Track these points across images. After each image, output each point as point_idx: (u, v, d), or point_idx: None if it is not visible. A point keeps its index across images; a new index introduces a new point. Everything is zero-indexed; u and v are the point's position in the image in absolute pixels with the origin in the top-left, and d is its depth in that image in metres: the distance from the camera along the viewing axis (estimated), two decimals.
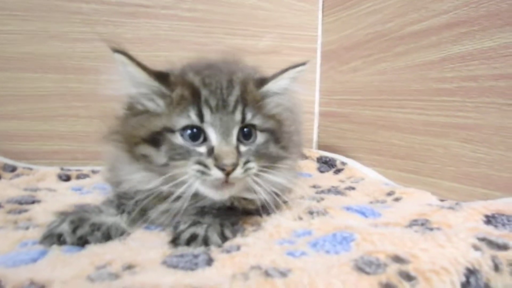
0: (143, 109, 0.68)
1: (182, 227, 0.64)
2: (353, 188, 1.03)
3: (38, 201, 0.87)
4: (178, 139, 0.65)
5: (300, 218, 0.75)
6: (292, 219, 0.75)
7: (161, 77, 0.67)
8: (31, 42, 1.22)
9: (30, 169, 1.16)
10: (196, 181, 0.63)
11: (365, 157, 1.24)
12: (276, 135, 0.72)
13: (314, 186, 1.08)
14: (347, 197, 0.96)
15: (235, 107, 0.66)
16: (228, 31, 1.39)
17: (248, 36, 1.41)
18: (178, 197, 0.64)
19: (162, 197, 0.67)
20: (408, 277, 0.49)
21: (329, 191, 1.01)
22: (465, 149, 0.90)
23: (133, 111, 0.70)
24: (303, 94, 1.10)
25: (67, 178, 1.13)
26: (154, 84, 0.67)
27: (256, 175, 0.67)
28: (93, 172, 1.20)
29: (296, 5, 1.47)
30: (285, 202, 0.75)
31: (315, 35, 1.51)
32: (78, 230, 0.62)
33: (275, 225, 0.71)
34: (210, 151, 0.64)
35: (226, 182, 0.63)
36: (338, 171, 1.25)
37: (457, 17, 0.92)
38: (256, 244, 0.62)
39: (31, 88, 1.23)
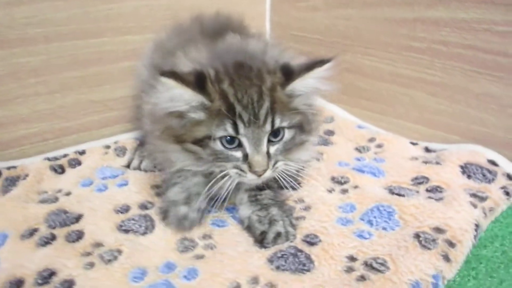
0: (184, 115, 0.78)
1: (261, 227, 0.81)
2: (332, 133, 1.25)
3: (80, 217, 0.88)
4: (218, 145, 0.77)
5: (333, 190, 0.96)
6: (325, 191, 0.96)
7: (201, 86, 0.74)
8: None
9: (14, 167, 1.07)
10: (236, 178, 0.79)
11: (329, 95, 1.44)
12: (302, 125, 0.82)
13: None
14: (334, 145, 1.19)
15: (265, 120, 0.75)
16: None
17: None
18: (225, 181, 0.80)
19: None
20: (451, 244, 0.77)
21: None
22: (429, 101, 1.13)
23: (175, 115, 0.79)
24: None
25: (62, 170, 1.10)
26: (198, 98, 0.75)
27: (283, 168, 0.81)
28: (79, 153, 1.16)
29: None
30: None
31: None
32: None
33: (320, 201, 0.91)
34: (245, 157, 0.77)
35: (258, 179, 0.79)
36: None
37: None
38: (329, 231, 0.83)
39: None
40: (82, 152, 1.17)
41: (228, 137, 0.76)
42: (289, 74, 0.78)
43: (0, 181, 1.02)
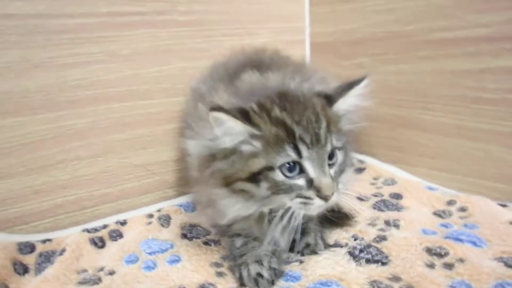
0: (233, 151, 0.71)
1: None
2: (400, 196, 1.07)
3: None
4: (278, 175, 0.69)
5: (433, 264, 0.76)
6: (424, 265, 0.76)
7: (249, 119, 0.69)
8: (9, 77, 0.90)
9: (50, 240, 0.91)
10: (299, 209, 0.70)
11: (383, 154, 1.28)
12: (346, 147, 0.78)
13: (359, 198, 1.07)
14: (408, 210, 1.00)
15: (326, 139, 0.71)
16: (225, 32, 1.22)
17: (244, 34, 1.26)
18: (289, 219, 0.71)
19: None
20: None
21: (383, 205, 1.02)
22: (509, 155, 1.00)
23: (222, 154, 0.72)
24: None
25: (103, 243, 0.93)
26: (249, 130, 0.69)
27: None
28: (121, 223, 1.00)
29: None
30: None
31: (302, 26, 1.42)
32: None
33: (423, 279, 0.71)
34: (309, 183, 0.69)
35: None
36: (359, 170, 1.27)
37: (500, 32, 0.96)
38: None
39: (18, 136, 0.93)
40: (123, 223, 1.02)
41: (288, 165, 0.69)
42: (329, 97, 0.77)
43: (33, 257, 0.83)
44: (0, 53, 0.88)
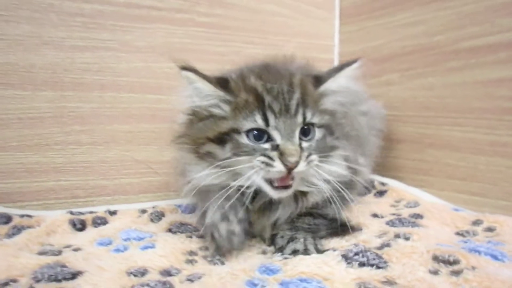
0: (208, 114, 0.74)
1: (280, 242, 0.76)
2: (420, 216, 0.94)
3: (80, 273, 0.64)
4: (243, 138, 0.71)
5: (438, 271, 0.63)
6: (427, 271, 0.64)
7: (224, 85, 0.73)
8: (17, 50, 0.94)
9: (30, 216, 0.89)
10: (259, 174, 0.70)
11: (408, 177, 1.16)
12: (331, 127, 0.77)
13: (373, 215, 0.97)
14: (425, 228, 0.87)
15: (296, 111, 0.71)
16: (246, 39, 1.23)
17: (267, 45, 1.26)
18: (242, 193, 0.71)
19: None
20: None
21: (398, 222, 0.90)
22: None
23: (198, 116, 0.75)
24: None
25: (82, 226, 0.89)
26: (220, 94, 0.72)
27: (316, 165, 0.73)
28: (110, 213, 0.97)
29: (313, 12, 1.36)
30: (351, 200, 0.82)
31: (332, 45, 1.41)
32: None
33: (423, 284, 0.59)
34: (275, 147, 0.70)
35: (287, 177, 0.70)
36: (379, 193, 1.15)
37: None
38: None
39: (18, 109, 0.95)
40: (113, 212, 0.98)
41: (256, 132, 0.71)
42: (320, 78, 0.78)
43: (6, 229, 0.81)
44: (10, 26, 0.93)
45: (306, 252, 0.73)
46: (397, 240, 0.77)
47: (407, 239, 0.78)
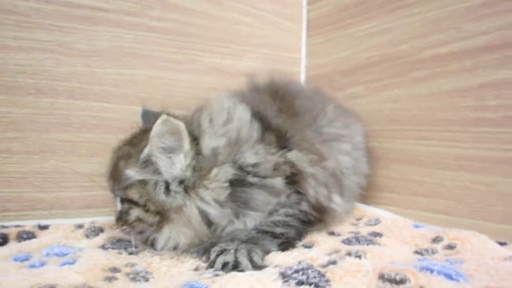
0: None
1: (212, 256, 0.74)
2: (379, 235, 0.90)
3: None
4: None
5: None
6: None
7: None
8: None
9: None
10: None
11: (372, 195, 1.13)
12: (137, 202, 0.80)
13: (330, 233, 0.93)
14: (382, 246, 0.83)
15: (108, 180, 0.86)
16: (204, 48, 1.21)
17: (227, 54, 1.25)
18: None
19: None
20: None
21: (355, 240, 0.87)
22: None
23: None
24: None
25: (4, 240, 0.83)
26: None
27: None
28: (40, 227, 0.91)
29: (280, 23, 1.35)
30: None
31: (298, 57, 1.40)
32: None
33: None
34: None
35: None
36: None
37: (502, 39, 0.86)
38: None
39: None
40: (44, 227, 0.92)
41: None
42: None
43: None
44: None
45: (237, 264, 0.71)
46: (346, 258, 0.72)
47: (358, 257, 0.74)
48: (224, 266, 0.71)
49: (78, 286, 0.63)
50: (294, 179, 0.85)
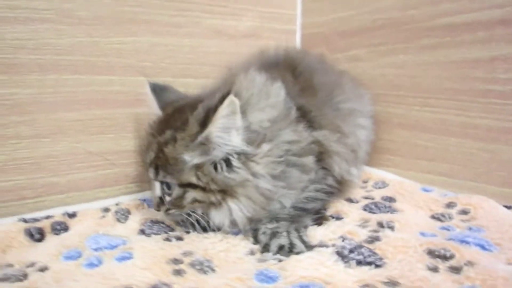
0: None
1: (263, 239, 0.79)
2: (393, 200, 1.00)
3: None
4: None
5: (436, 268, 0.68)
6: (426, 268, 0.68)
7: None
8: None
9: None
10: None
11: (374, 156, 1.21)
12: (194, 184, 0.80)
13: (348, 200, 1.01)
14: (402, 213, 0.92)
15: (150, 166, 0.83)
16: (205, 8, 1.15)
17: (228, 14, 1.20)
18: None
19: None
20: None
21: (375, 207, 0.95)
22: None
23: None
24: None
25: (41, 235, 0.81)
26: None
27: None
28: (69, 215, 0.89)
29: None
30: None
31: (294, 14, 1.37)
32: None
33: (427, 284, 0.63)
34: None
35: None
36: None
37: None
38: None
39: None
40: (72, 215, 0.91)
41: None
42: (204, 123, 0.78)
43: None
44: None
45: (292, 247, 0.75)
46: (384, 231, 0.81)
47: (391, 228, 0.83)
48: (280, 249, 0.75)
49: (156, 284, 0.65)
50: (321, 157, 0.90)
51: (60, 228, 0.85)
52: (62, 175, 0.97)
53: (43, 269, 0.69)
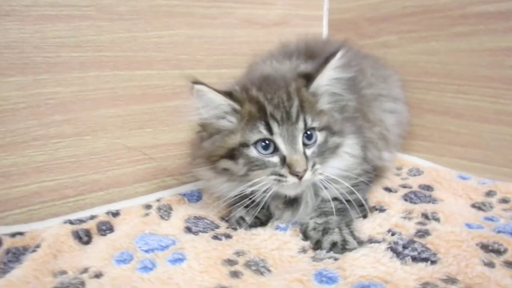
0: (217, 129, 0.79)
1: (315, 235, 0.76)
2: (430, 188, 0.98)
3: None
4: (253, 152, 0.75)
5: (492, 263, 0.66)
6: (482, 264, 0.66)
7: (230, 96, 0.76)
8: None
9: (21, 234, 0.76)
10: (273, 186, 0.75)
11: (405, 142, 1.19)
12: (331, 128, 0.80)
13: (386, 189, 0.98)
14: (443, 203, 0.90)
15: (297, 117, 0.75)
16: None
17: (258, 3, 1.14)
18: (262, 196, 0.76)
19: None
20: None
21: (414, 196, 0.92)
22: None
23: (208, 131, 0.80)
24: None
25: (89, 237, 0.79)
26: (229, 102, 0.76)
27: (320, 173, 0.77)
28: (113, 214, 0.87)
29: None
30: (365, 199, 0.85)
31: (321, 0, 1.32)
32: None
33: (486, 281, 0.61)
34: (283, 160, 0.74)
35: (299, 183, 0.75)
36: None
37: None
38: None
39: None
40: (116, 214, 0.88)
41: (263, 143, 0.75)
42: (309, 76, 0.80)
43: None
44: None
45: (345, 243, 0.73)
46: (430, 223, 0.79)
47: (437, 220, 0.80)
48: (333, 246, 0.73)
49: None
50: None
51: (105, 228, 0.82)
52: (102, 172, 0.94)
53: (98, 275, 0.67)
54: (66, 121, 0.87)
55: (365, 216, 0.84)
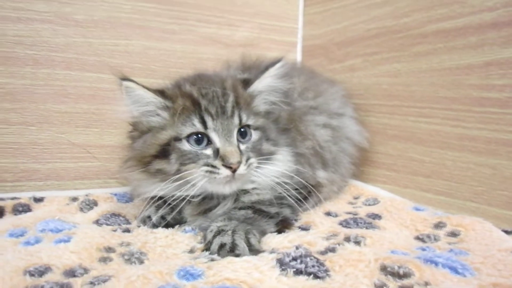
0: (148, 128, 0.74)
1: (208, 236, 0.67)
2: (378, 217, 0.81)
3: None
4: (185, 145, 0.71)
5: (384, 285, 0.51)
6: (371, 285, 0.52)
7: (161, 93, 0.73)
8: None
9: None
10: (204, 180, 0.70)
11: (369, 171, 1.04)
12: (266, 132, 0.77)
13: (327, 213, 0.84)
14: (381, 230, 0.74)
15: (232, 112, 0.72)
16: (200, 18, 1.08)
17: (224, 24, 1.12)
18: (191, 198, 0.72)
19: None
20: None
21: (353, 222, 0.77)
22: None
23: (139, 131, 0.75)
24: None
25: (0, 213, 0.76)
26: (159, 99, 0.72)
27: (256, 167, 0.73)
28: (36, 200, 0.84)
29: None
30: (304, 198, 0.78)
31: (295, 27, 1.26)
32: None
33: None
34: (216, 153, 0.70)
35: (232, 178, 0.70)
36: None
37: (509, 16, 0.74)
38: None
39: None
40: (39, 200, 0.85)
41: (196, 136, 0.70)
42: (247, 80, 0.78)
43: None
44: None
45: (234, 247, 0.63)
46: (345, 244, 0.64)
47: (357, 243, 0.65)
48: (221, 248, 0.63)
49: (73, 267, 0.57)
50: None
51: (21, 209, 0.80)
52: (43, 162, 0.93)
53: None
54: (13, 109, 0.88)
55: (279, 231, 0.72)
